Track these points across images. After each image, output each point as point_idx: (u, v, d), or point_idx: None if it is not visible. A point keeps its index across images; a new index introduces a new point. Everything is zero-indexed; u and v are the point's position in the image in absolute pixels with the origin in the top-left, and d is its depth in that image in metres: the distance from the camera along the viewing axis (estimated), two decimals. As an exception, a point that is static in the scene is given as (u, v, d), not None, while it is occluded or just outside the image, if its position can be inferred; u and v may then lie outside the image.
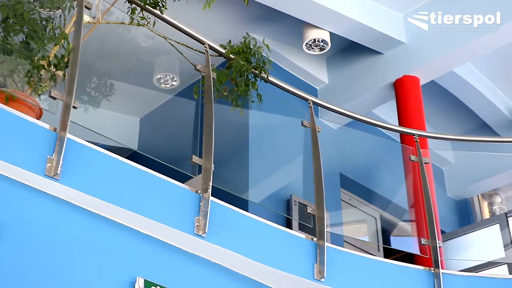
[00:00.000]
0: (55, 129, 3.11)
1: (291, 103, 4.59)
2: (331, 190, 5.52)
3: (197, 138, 3.85)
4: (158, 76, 6.04)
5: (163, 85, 6.08)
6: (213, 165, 3.56)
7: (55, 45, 3.60)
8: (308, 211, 4.04)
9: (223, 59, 4.28)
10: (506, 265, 6.45)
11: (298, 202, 5.65)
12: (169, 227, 3.30)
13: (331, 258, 3.81)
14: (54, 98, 3.22)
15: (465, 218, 7.97)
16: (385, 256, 5.32)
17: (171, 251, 3.32)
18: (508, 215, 7.17)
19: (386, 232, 6.54)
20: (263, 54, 4.21)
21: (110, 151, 3.30)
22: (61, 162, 3.02)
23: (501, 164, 7.26)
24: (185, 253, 3.38)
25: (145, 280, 3.10)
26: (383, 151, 6.62)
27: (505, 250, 6.73)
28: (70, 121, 3.12)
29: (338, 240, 5.32)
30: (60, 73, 3.57)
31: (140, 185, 3.35)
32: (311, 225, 4.13)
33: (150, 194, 3.37)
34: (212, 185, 3.50)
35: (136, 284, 3.07)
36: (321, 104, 4.71)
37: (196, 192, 3.49)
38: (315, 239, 3.85)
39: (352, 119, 5.11)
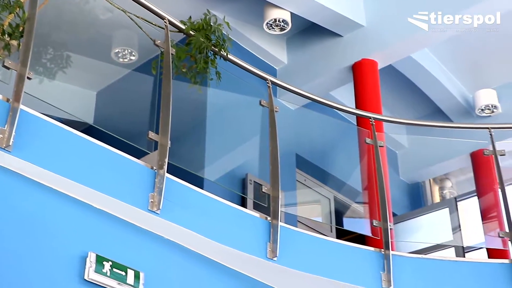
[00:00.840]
0: (8, 100, 3.05)
1: (250, 82, 4.58)
2: (286, 170, 5.55)
3: (154, 114, 3.82)
4: (116, 50, 5.95)
5: (121, 59, 5.99)
6: (169, 142, 3.54)
7: (10, 13, 3.51)
8: (263, 190, 4.06)
9: (183, 35, 4.24)
10: (453, 248, 6.62)
11: (254, 181, 5.67)
12: (123, 203, 3.28)
13: (284, 238, 3.84)
14: (8, 68, 3.14)
15: (417, 201, 8.13)
16: (338, 237, 5.39)
17: (125, 226, 3.31)
18: (457, 200, 7.35)
19: (339, 213, 6.62)
20: (223, 32, 4.18)
21: (64, 124, 3.25)
22: (13, 133, 2.97)
23: (453, 149, 7.42)
24: (139, 229, 3.36)
25: (97, 255, 3.08)
26: (339, 133, 6.68)
27: (453, 234, 6.91)
28: (24, 92, 3.06)
29: (292, 220, 5.36)
30: (14, 42, 3.50)
31: (94, 160, 3.32)
32: (265, 205, 4.16)
33: (105, 168, 3.34)
34: (167, 162, 3.49)
35: (88, 259, 3.05)
36: (280, 84, 4.72)
37: (152, 168, 3.47)
38: (269, 218, 3.87)
39: (310, 100, 5.14)
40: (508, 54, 6.98)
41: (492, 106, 7.32)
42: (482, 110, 7.37)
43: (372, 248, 4.23)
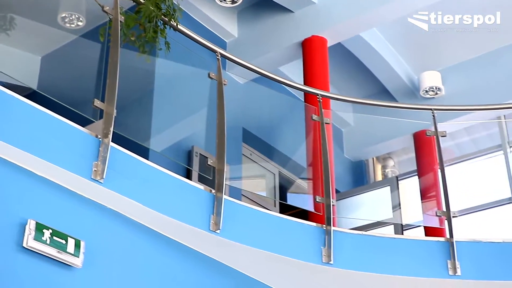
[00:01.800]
0: None
1: (199, 54, 4.55)
2: (233, 144, 5.56)
3: (101, 82, 3.76)
4: (63, 15, 5.81)
5: (67, 25, 5.85)
6: (115, 111, 3.50)
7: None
8: (209, 163, 4.06)
9: (133, 3, 4.16)
10: (393, 225, 6.78)
11: (199, 153, 5.66)
12: (66, 170, 3.23)
13: (228, 211, 3.86)
14: None
15: (359, 179, 8.27)
16: (281, 212, 5.45)
17: (66, 194, 3.27)
18: (398, 179, 7.51)
19: (283, 188, 6.69)
20: (174, 1, 4.12)
21: (7, 88, 3.16)
22: (-48, 96, 2.88)
23: (397, 129, 7.56)
24: (81, 197, 3.33)
25: (36, 222, 3.04)
26: (287, 109, 6.72)
27: (393, 212, 7.07)
28: (-36, 53, 2.97)
29: (236, 193, 5.39)
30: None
31: (37, 126, 3.25)
32: (210, 177, 4.16)
33: (48, 135, 3.27)
34: (113, 131, 3.44)
35: (27, 226, 3.00)
36: (229, 57, 4.70)
37: (96, 136, 3.42)
38: (213, 191, 3.88)
39: (259, 75, 5.14)
40: (453, 37, 7.12)
41: (436, 88, 7.47)
42: (426, 91, 7.52)
43: (314, 224, 4.29)
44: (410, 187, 7.29)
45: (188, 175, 5.37)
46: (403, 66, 7.58)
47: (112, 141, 3.43)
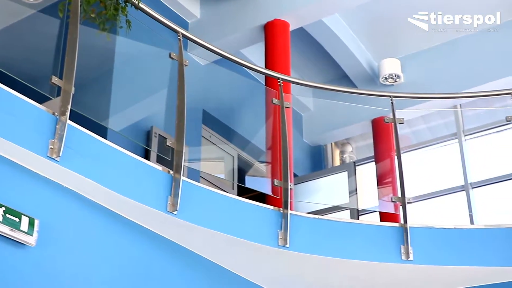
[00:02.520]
0: None
1: (161, 33, 4.50)
2: (192, 125, 5.54)
3: (59, 58, 3.69)
4: (21, -12, 5.67)
5: (25, -1, 5.72)
6: (73, 88, 3.44)
7: None
8: (168, 143, 4.04)
9: (93, -21, 4.09)
10: (349, 210, 6.87)
11: (159, 134, 5.63)
12: (21, 148, 3.18)
13: (186, 192, 3.85)
14: None
15: (317, 163, 8.34)
16: (239, 195, 5.47)
17: (21, 172, 3.22)
18: (356, 164, 7.60)
19: (242, 171, 6.70)
20: (135, -21, 4.07)
21: (-40, 62, 3.09)
22: None
23: (356, 115, 7.64)
24: (36, 175, 3.28)
25: (-10, 200, 2.99)
26: (247, 92, 6.72)
27: (349, 197, 7.15)
28: None
29: (195, 175, 5.38)
30: None
31: (-8, 101, 3.18)
32: (169, 158, 4.14)
33: (3, 111, 3.21)
34: (70, 109, 3.39)
35: (-20, 204, 2.95)
36: (191, 38, 4.66)
37: (53, 114, 3.37)
38: (171, 172, 3.86)
39: (220, 57, 5.12)
40: (414, 26, 7.19)
41: (395, 76, 7.56)
42: (385, 78, 7.60)
43: (271, 207, 4.31)
44: (367, 172, 7.39)
45: (147, 156, 5.33)
46: (363, 53, 7.64)
47: (69, 119, 3.38)
